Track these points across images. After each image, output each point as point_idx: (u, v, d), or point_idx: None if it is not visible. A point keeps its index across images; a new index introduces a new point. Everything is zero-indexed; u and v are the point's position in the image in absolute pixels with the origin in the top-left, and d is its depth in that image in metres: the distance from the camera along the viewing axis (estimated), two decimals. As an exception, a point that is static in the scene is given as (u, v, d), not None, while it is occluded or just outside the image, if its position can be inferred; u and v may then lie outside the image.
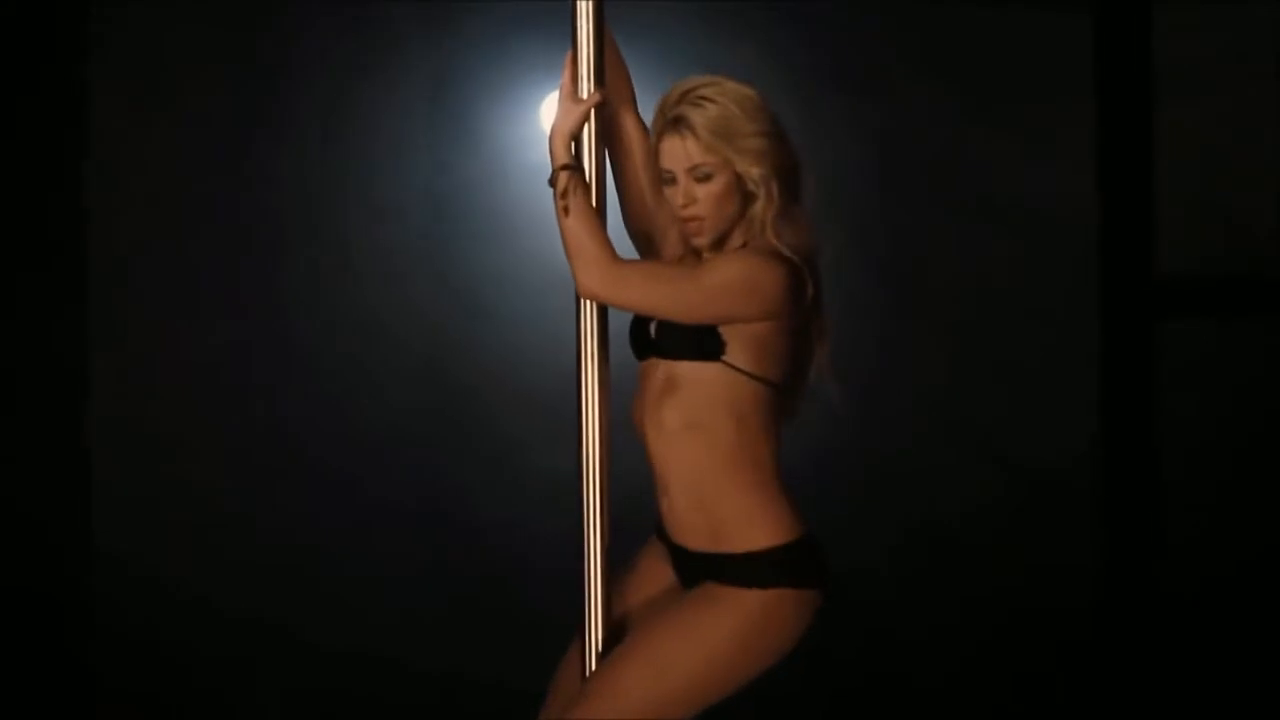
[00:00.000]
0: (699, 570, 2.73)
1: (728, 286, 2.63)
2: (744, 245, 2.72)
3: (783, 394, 2.73)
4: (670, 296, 2.65)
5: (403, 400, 4.61)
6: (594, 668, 2.73)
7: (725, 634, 2.65)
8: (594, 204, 2.70)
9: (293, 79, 4.59)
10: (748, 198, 2.70)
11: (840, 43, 4.53)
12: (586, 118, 2.71)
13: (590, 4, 2.71)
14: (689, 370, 2.69)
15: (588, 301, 2.72)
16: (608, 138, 2.80)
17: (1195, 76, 4.35)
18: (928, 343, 4.55)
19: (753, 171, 2.68)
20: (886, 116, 4.51)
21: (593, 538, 2.73)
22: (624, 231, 2.87)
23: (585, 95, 2.72)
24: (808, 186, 2.74)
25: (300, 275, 4.60)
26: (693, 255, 2.79)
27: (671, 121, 2.69)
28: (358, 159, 4.60)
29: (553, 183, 2.69)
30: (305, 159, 4.59)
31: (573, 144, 2.71)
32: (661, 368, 2.73)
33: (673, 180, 2.71)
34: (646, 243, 2.88)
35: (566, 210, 2.66)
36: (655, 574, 2.85)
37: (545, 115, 4.48)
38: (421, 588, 4.59)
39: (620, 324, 2.78)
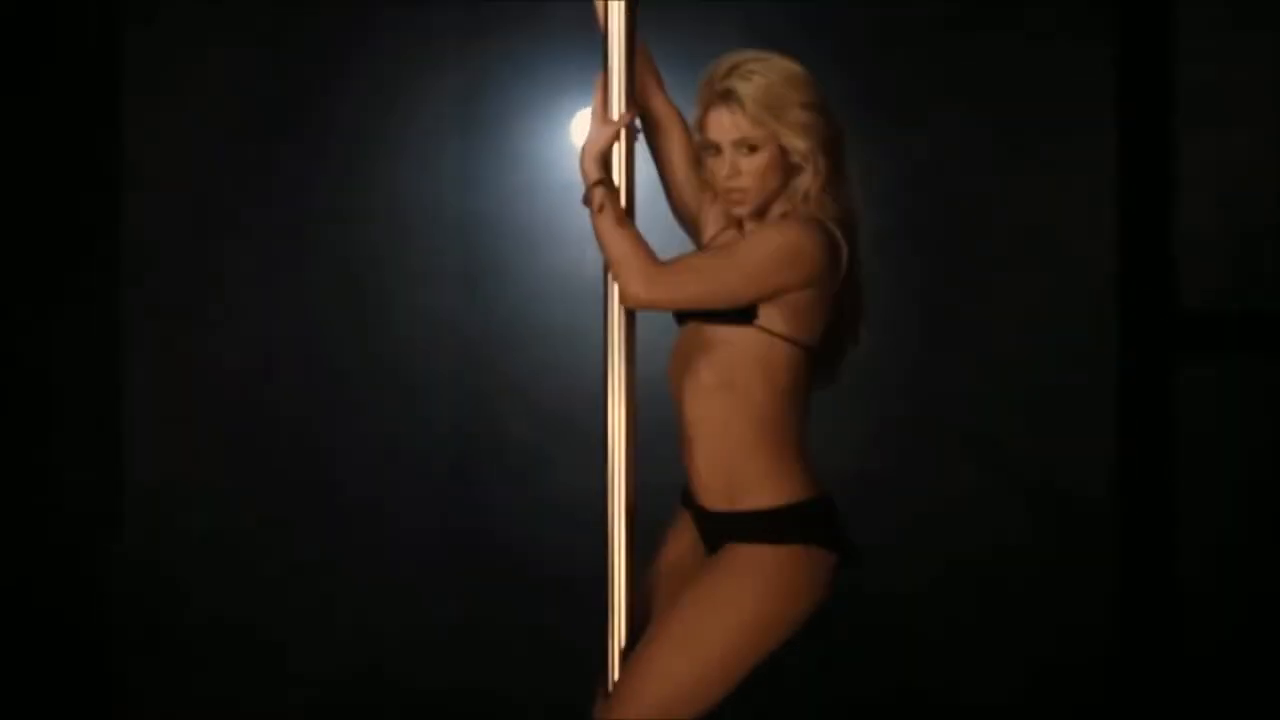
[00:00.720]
0: (718, 531, 2.76)
1: (769, 263, 2.66)
2: (784, 214, 2.75)
3: (815, 357, 2.76)
4: (716, 289, 2.67)
5: (431, 413, 4.62)
6: (617, 676, 2.74)
7: (748, 596, 2.68)
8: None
9: (325, 92, 4.59)
10: (791, 170, 2.74)
11: (862, 70, 4.52)
12: (617, 137, 2.74)
13: (621, 24, 2.73)
14: (724, 331, 2.72)
15: (616, 315, 2.74)
16: (644, 124, 2.84)
17: (1218, 106, 4.35)
18: (948, 372, 4.54)
19: (799, 144, 2.71)
20: (905, 143, 4.50)
21: (617, 552, 2.73)
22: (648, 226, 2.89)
23: (616, 116, 2.74)
24: (850, 157, 2.78)
25: (330, 289, 4.60)
26: (734, 225, 2.82)
27: (720, 94, 2.72)
28: (389, 173, 4.61)
29: (587, 201, 2.72)
30: (336, 172, 4.60)
31: (603, 161, 2.74)
32: (698, 329, 2.76)
33: (718, 152, 2.74)
34: (689, 218, 2.91)
35: (604, 224, 2.69)
36: (680, 543, 2.87)
37: (576, 131, 4.49)
38: (448, 601, 4.59)
39: (647, 338, 2.80)
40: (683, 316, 2.79)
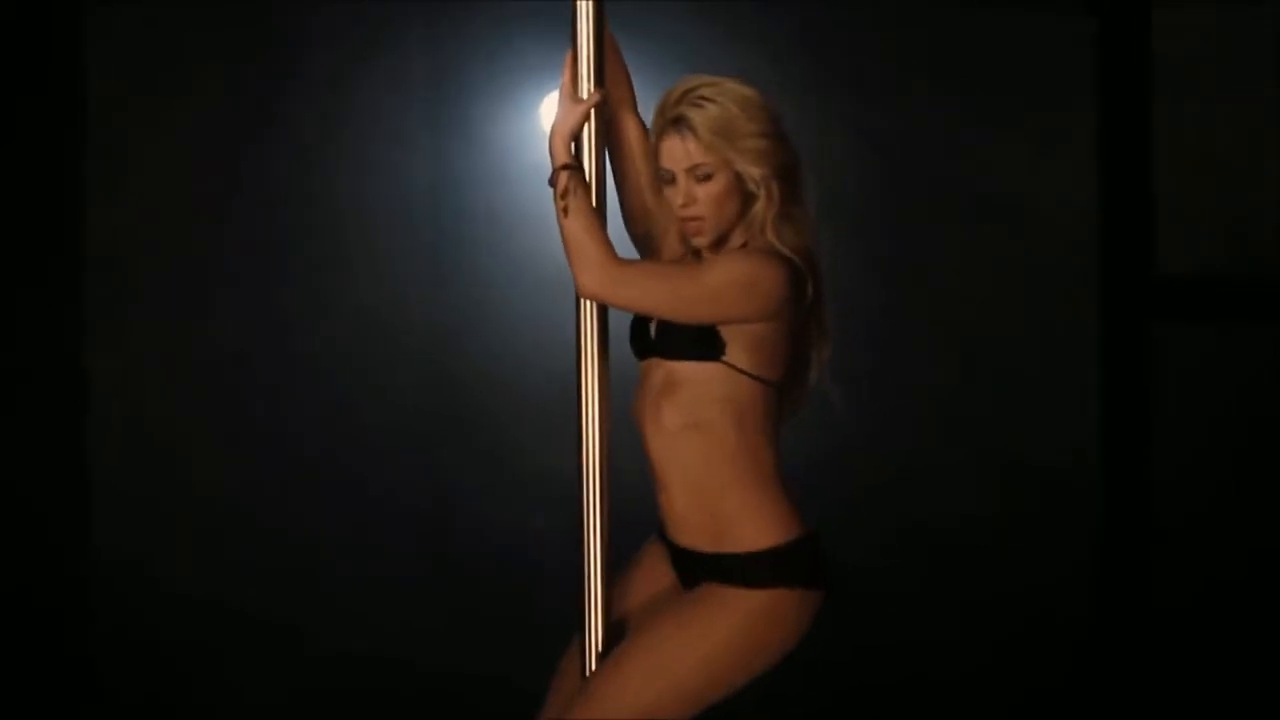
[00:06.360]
0: (699, 570, 2.73)
1: (727, 286, 2.63)
2: (744, 245, 2.72)
3: (781, 393, 2.74)
4: (670, 296, 2.65)
5: (402, 399, 4.62)
6: (593, 667, 2.73)
7: (726, 633, 2.66)
8: (594, 204, 2.70)
9: (292, 78, 4.59)
10: (748, 198, 2.70)
11: (840, 45, 4.54)
12: (586, 118, 2.71)
13: (590, 4, 2.71)
14: (689, 370, 2.69)
15: (588, 301, 2.72)
16: (608, 138, 2.80)
17: (1196, 79, 4.36)
18: (927, 344, 4.55)
19: (753, 171, 2.68)
20: (887, 119, 4.51)
21: (592, 537, 2.73)
22: (624, 232, 2.87)
23: (585, 95, 2.72)
24: (808, 186, 2.74)
25: (299, 275, 4.61)
26: (693, 255, 2.79)
27: (672, 121, 2.69)
28: (357, 158, 4.61)
29: (553, 182, 2.69)
30: (304, 158, 4.60)
31: (572, 144, 2.71)
32: (662, 367, 2.73)
33: (672, 180, 2.71)
34: (647, 242, 2.88)
35: (566, 210, 2.66)
36: (656, 573, 2.85)
37: (545, 114, 4.49)
38: (421, 587, 4.60)
39: (620, 323, 2.78)
40: (643, 353, 2.76)
